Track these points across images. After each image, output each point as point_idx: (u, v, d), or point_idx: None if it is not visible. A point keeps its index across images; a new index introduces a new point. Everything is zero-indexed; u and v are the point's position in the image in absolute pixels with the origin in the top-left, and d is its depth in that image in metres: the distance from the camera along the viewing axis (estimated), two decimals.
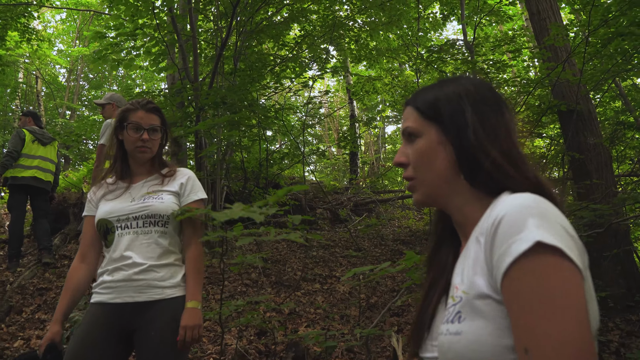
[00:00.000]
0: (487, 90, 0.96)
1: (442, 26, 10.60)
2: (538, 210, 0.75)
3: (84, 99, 22.34)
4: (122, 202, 1.93)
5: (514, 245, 0.71)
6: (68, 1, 17.43)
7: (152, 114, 1.99)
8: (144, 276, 1.83)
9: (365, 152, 21.94)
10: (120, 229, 1.90)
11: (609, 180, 5.46)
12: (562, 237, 0.71)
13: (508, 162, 0.88)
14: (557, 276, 0.68)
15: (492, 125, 0.91)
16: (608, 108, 8.27)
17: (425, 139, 0.94)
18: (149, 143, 1.97)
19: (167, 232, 1.93)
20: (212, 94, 5.98)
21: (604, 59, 5.67)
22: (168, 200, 1.95)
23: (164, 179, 2.01)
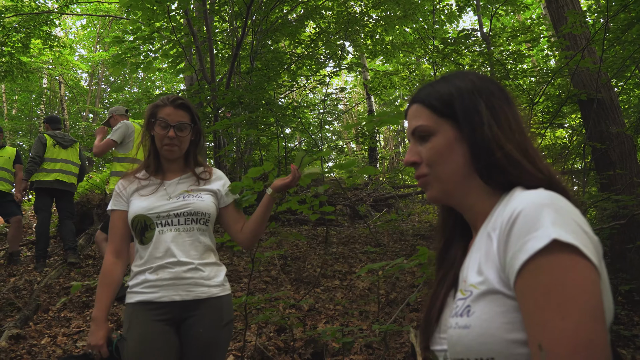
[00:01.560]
0: (493, 84, 0.96)
1: (458, 18, 10.47)
2: (554, 207, 0.75)
3: (105, 102, 22.76)
4: (160, 199, 1.89)
5: (530, 243, 0.71)
6: (88, 7, 17.75)
7: (181, 110, 1.92)
8: (192, 274, 1.81)
9: (384, 147, 21.84)
10: (161, 225, 1.85)
11: (633, 170, 5.34)
12: (577, 234, 0.71)
13: (523, 156, 0.87)
14: (573, 274, 0.69)
15: (505, 119, 0.91)
16: (632, 95, 8.07)
17: (441, 137, 0.93)
18: (176, 140, 1.90)
19: (207, 231, 1.93)
20: (229, 93, 6.05)
21: (625, 45, 5.54)
22: (208, 199, 1.93)
23: (199, 180, 1.97)
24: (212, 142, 7.31)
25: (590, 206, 4.88)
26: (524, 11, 9.98)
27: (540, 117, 6.54)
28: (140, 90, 21.99)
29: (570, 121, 8.03)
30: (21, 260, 5.96)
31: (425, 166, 0.95)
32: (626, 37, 5.39)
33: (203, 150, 8.57)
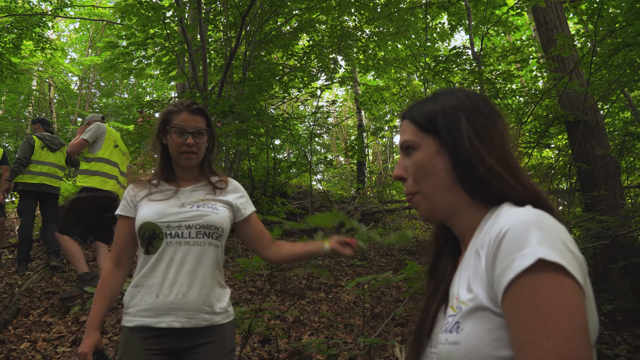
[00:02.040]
0: (480, 101, 0.98)
1: (450, 36, 10.63)
2: (540, 225, 0.76)
3: (95, 106, 22.63)
4: (172, 206, 1.76)
5: (517, 261, 0.72)
6: (81, 11, 17.72)
7: (197, 116, 1.80)
8: (195, 299, 1.69)
9: (372, 162, 21.93)
10: (170, 237, 1.72)
11: (617, 191, 5.43)
12: (563, 253, 0.72)
13: (504, 169, 0.89)
14: (558, 293, 0.70)
15: (487, 134, 0.93)
16: (617, 118, 8.23)
17: (423, 151, 0.96)
18: (195, 147, 1.78)
19: (219, 247, 1.80)
20: (221, 102, 6.05)
21: (612, 69, 5.66)
22: (223, 212, 1.80)
23: (215, 189, 1.85)
24: None
25: (574, 226, 4.94)
26: (515, 32, 10.15)
27: (528, 137, 6.63)
28: (131, 96, 21.92)
29: (557, 142, 8.15)
30: (2, 263, 5.86)
31: (412, 183, 0.98)
32: (612, 61, 5.51)
33: None
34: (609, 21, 5.11)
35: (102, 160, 4.77)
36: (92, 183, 4.66)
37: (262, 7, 7.49)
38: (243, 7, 6.36)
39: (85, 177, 4.69)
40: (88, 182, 4.66)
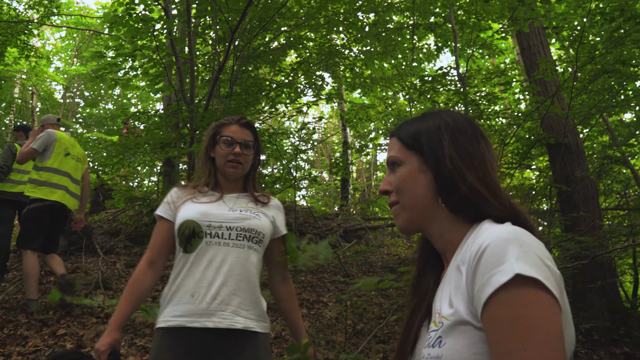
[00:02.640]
0: (465, 122, 1.02)
1: (436, 57, 10.81)
2: (519, 242, 0.78)
3: (78, 116, 22.40)
4: (217, 208, 1.78)
5: (495, 277, 0.75)
6: (68, 20, 17.63)
7: (246, 129, 1.88)
8: (228, 301, 1.67)
9: (357, 179, 22.02)
10: (210, 236, 1.72)
11: (595, 213, 5.54)
12: (540, 268, 0.75)
13: (484, 187, 0.93)
14: (535, 307, 0.72)
15: (468, 153, 0.96)
16: (595, 142, 8.42)
17: (406, 167, 1.00)
18: (241, 158, 1.83)
19: (258, 251, 1.79)
20: (207, 116, 6.05)
21: (592, 94, 5.82)
22: (265, 220, 1.82)
23: (257, 202, 1.88)
24: (187, 164, 7.27)
25: (554, 246, 5.02)
26: (499, 56, 10.39)
27: (510, 158, 6.74)
28: (115, 107, 21.77)
29: (538, 163, 8.30)
30: None
31: (394, 194, 1.02)
32: (592, 86, 5.67)
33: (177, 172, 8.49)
34: (589, 48, 5.27)
35: (51, 170, 4.69)
36: (40, 194, 4.59)
37: (252, 23, 7.55)
38: (233, 21, 6.41)
39: (34, 187, 4.65)
40: (36, 193, 4.60)
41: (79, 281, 5.36)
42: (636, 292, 6.16)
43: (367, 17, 9.32)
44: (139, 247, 7.08)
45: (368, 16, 9.28)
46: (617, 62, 5.08)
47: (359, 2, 8.50)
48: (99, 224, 7.92)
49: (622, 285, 5.98)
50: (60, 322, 4.31)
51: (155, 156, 6.97)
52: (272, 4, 7.30)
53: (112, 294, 5.14)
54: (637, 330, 4.88)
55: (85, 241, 6.53)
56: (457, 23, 7.92)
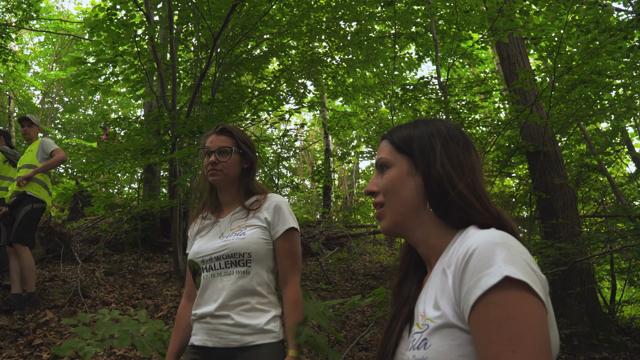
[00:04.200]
0: (457, 132, 1.03)
1: (417, 66, 10.92)
2: (506, 246, 0.79)
3: (57, 122, 22.04)
4: (210, 240, 1.83)
5: (484, 279, 0.75)
6: (47, 25, 17.38)
7: (222, 136, 1.88)
8: (224, 321, 1.71)
9: (339, 187, 22.06)
10: (205, 270, 1.79)
11: (574, 220, 5.64)
12: (527, 271, 0.76)
13: (472, 195, 0.94)
14: (523, 309, 0.73)
15: (459, 161, 0.97)
16: (573, 150, 8.58)
17: (395, 169, 1.01)
18: (219, 166, 1.83)
19: (251, 272, 1.75)
20: (189, 123, 6.01)
21: (569, 104, 5.94)
22: (250, 235, 1.78)
23: (249, 212, 1.85)
24: (168, 170, 7.20)
25: (534, 253, 5.09)
26: (479, 65, 10.55)
27: (491, 166, 6.82)
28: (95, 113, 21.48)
29: (518, 171, 8.42)
30: None
31: (381, 195, 1.02)
32: (570, 96, 5.78)
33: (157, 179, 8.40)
34: (566, 59, 5.39)
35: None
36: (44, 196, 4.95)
37: (234, 30, 7.54)
38: (215, 28, 6.39)
39: (40, 188, 4.93)
40: (40, 194, 4.90)
41: (57, 290, 5.25)
42: (614, 297, 6.28)
43: (349, 26, 9.39)
44: (118, 254, 6.97)
45: (350, 25, 9.35)
46: (593, 72, 5.20)
47: (341, 11, 8.56)
48: (78, 231, 7.79)
49: (601, 291, 6.08)
50: (37, 331, 4.21)
51: (135, 163, 6.89)
52: (255, 12, 7.31)
53: (90, 302, 5.05)
54: (616, 336, 4.97)
55: (64, 249, 6.40)
56: (438, 33, 8.03)
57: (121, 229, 7.62)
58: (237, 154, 1.88)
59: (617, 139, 8.39)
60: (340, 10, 8.51)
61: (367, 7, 8.63)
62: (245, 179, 1.92)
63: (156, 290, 5.66)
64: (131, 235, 7.43)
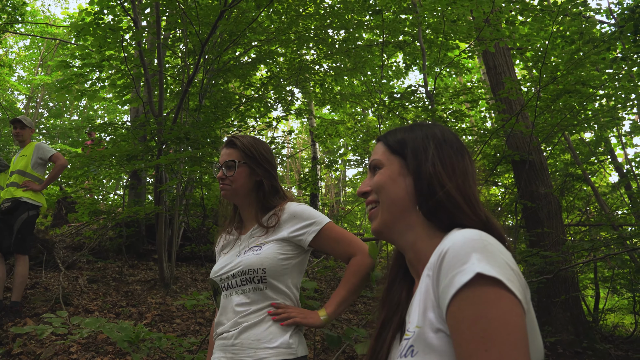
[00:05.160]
0: (452, 136, 1.03)
1: (405, 75, 11.00)
2: (481, 242, 0.78)
3: (41, 127, 21.77)
4: (229, 258, 1.78)
5: (457, 277, 0.74)
6: (33, 29, 17.22)
7: (229, 149, 1.81)
8: (239, 340, 1.65)
9: (325, 195, 22.06)
10: (224, 289, 1.75)
11: (559, 228, 5.69)
12: (503, 268, 0.74)
13: (461, 196, 0.93)
14: (497, 306, 0.71)
15: (451, 163, 0.97)
16: (558, 160, 8.68)
17: (387, 169, 1.01)
18: (227, 181, 1.78)
19: (268, 288, 1.69)
20: (176, 129, 5.96)
21: (554, 113, 6.01)
22: (266, 250, 1.71)
23: (267, 229, 1.76)
24: (154, 177, 7.14)
25: (520, 261, 5.12)
26: (466, 74, 10.65)
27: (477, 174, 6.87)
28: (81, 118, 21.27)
29: (503, 180, 8.48)
30: None
31: (373, 194, 1.02)
32: (555, 106, 5.85)
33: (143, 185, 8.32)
34: (551, 69, 5.46)
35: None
36: (42, 201, 4.92)
37: (222, 37, 7.53)
38: (203, 35, 6.37)
39: (37, 194, 4.88)
40: (39, 199, 4.87)
41: (38, 297, 5.16)
42: (597, 306, 6.34)
43: (337, 34, 9.43)
44: (102, 261, 6.88)
45: (338, 33, 9.39)
46: (577, 82, 5.27)
47: (330, 20, 8.60)
48: (61, 238, 7.68)
49: (585, 300, 6.13)
50: (16, 340, 4.13)
51: (121, 169, 6.82)
52: (243, 19, 7.31)
53: (73, 310, 4.97)
54: (599, 343, 5.00)
55: (46, 255, 6.30)
56: (425, 42, 8.09)
57: (105, 235, 7.53)
58: (244, 167, 1.80)
59: (601, 149, 8.50)
60: (329, 18, 8.56)
61: (355, 16, 8.70)
62: (259, 193, 1.82)
63: (140, 298, 5.58)
64: (116, 242, 7.34)
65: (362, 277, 1.70)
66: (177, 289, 6.03)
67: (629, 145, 9.67)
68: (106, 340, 4.13)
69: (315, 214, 1.77)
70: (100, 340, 4.14)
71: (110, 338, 4.14)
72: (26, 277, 4.67)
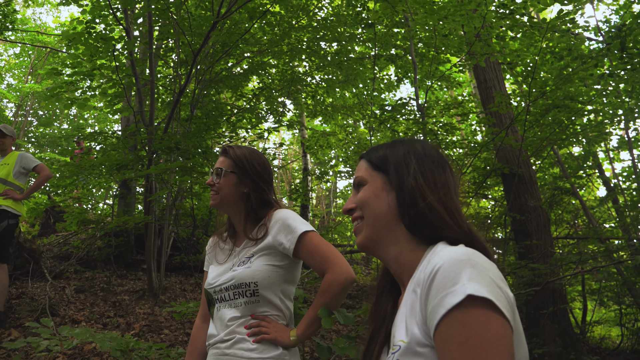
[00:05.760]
0: (433, 150, 1.06)
1: (396, 88, 11.09)
2: (471, 263, 0.79)
3: (30, 135, 21.60)
4: (224, 272, 1.76)
5: (447, 298, 0.75)
6: (24, 37, 17.15)
7: (222, 157, 1.81)
8: (234, 350, 1.64)
9: (316, 206, 22.05)
10: (218, 301, 1.74)
11: (547, 241, 5.73)
12: (492, 289, 0.76)
13: (443, 208, 0.95)
14: (486, 328, 0.72)
15: (432, 176, 0.99)
16: (547, 174, 8.76)
17: (370, 185, 1.03)
18: (214, 187, 1.77)
19: (260, 300, 1.67)
20: (167, 138, 5.95)
21: (543, 128, 6.08)
22: (256, 263, 1.69)
23: (257, 241, 1.74)
24: (144, 186, 7.10)
25: (509, 273, 5.14)
26: (457, 88, 10.76)
27: (467, 187, 6.92)
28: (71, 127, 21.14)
29: (493, 193, 8.54)
30: None
31: (358, 210, 1.04)
32: (544, 120, 5.93)
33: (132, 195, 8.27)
34: (541, 84, 5.54)
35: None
36: (22, 211, 4.85)
37: (214, 47, 7.55)
38: (195, 45, 6.39)
39: (18, 203, 4.80)
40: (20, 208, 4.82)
41: (24, 307, 5.09)
42: (585, 318, 6.37)
43: (329, 46, 9.50)
44: (90, 271, 6.80)
45: (331, 45, 9.46)
46: (566, 97, 5.35)
47: (322, 32, 8.67)
48: (49, 247, 7.59)
49: (572, 312, 6.16)
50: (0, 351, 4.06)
51: (111, 178, 6.77)
52: (236, 30, 7.35)
53: (59, 320, 4.90)
54: (587, 355, 5.02)
55: (33, 265, 6.22)
56: (417, 55, 8.18)
57: (94, 245, 7.46)
58: (231, 176, 1.78)
59: (589, 163, 8.60)
60: (321, 30, 8.62)
61: (347, 29, 8.77)
62: (248, 205, 1.79)
63: (128, 308, 5.52)
64: (104, 251, 7.26)
65: (332, 296, 1.64)
66: (166, 300, 5.97)
67: (616, 159, 9.80)
68: (93, 351, 4.08)
69: (295, 223, 1.72)
70: (87, 351, 4.09)
71: (97, 349, 4.08)
72: (6, 286, 4.61)
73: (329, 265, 1.66)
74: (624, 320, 5.95)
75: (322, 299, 1.65)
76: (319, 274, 1.70)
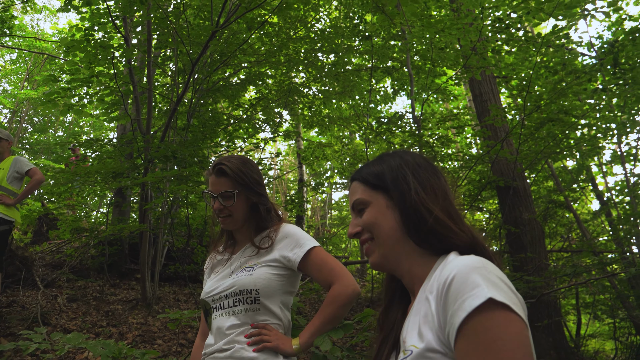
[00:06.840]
0: (422, 159, 1.07)
1: (392, 100, 11.15)
2: (485, 269, 0.81)
3: (25, 142, 21.52)
4: (222, 279, 1.75)
5: (468, 301, 0.77)
6: (21, 43, 17.15)
7: (221, 178, 1.76)
8: (229, 354, 1.63)
9: (311, 217, 22.01)
10: (215, 310, 1.72)
11: (542, 254, 5.75)
12: (507, 294, 0.78)
13: (449, 218, 0.96)
14: (509, 329, 0.74)
15: (431, 186, 1.01)
16: (541, 187, 8.81)
17: (374, 206, 1.03)
18: (225, 211, 1.75)
19: (260, 308, 1.67)
20: (163, 147, 5.94)
21: (538, 141, 6.13)
22: (259, 272, 1.69)
23: (259, 249, 1.75)
24: (139, 195, 7.08)
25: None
26: (452, 101, 10.84)
27: (462, 200, 6.94)
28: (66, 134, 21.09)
29: (488, 205, 8.57)
30: None
31: (366, 232, 1.04)
32: (539, 133, 5.98)
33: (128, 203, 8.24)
34: (535, 98, 5.59)
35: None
36: (17, 217, 4.82)
37: (212, 57, 7.58)
38: (194, 54, 6.41)
39: (11, 209, 4.75)
40: (14, 214, 4.76)
41: (15, 316, 5.03)
42: (579, 331, 6.37)
43: (327, 58, 9.56)
44: (83, 280, 6.75)
45: (328, 57, 9.52)
46: (560, 111, 5.40)
47: (320, 44, 8.73)
48: (41, 255, 7.53)
49: (567, 325, 6.16)
50: None
51: (106, 186, 6.75)
52: (234, 40, 7.38)
53: (51, 329, 4.85)
54: None
55: (24, 273, 6.16)
56: (413, 68, 8.24)
57: (87, 253, 7.40)
58: (238, 195, 1.76)
59: (583, 176, 8.65)
60: (319, 42, 8.68)
61: (345, 41, 8.83)
62: (255, 214, 1.81)
63: (121, 317, 5.48)
64: (98, 260, 7.21)
65: (338, 307, 1.65)
66: (160, 309, 5.93)
67: (610, 173, 9.86)
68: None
69: (303, 238, 1.75)
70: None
71: (89, 358, 4.04)
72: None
73: (336, 278, 1.69)
74: (618, 334, 5.95)
75: (328, 309, 1.66)
76: (325, 286, 1.72)
